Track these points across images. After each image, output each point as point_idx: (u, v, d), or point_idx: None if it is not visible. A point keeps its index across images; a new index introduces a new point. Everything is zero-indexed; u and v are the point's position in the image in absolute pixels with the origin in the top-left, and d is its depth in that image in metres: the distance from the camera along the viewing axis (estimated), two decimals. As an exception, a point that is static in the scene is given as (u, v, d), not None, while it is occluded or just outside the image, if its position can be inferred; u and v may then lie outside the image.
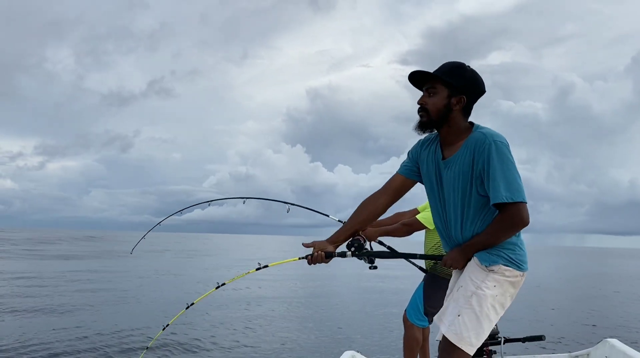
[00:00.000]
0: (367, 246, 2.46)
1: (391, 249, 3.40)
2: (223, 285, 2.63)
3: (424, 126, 2.21)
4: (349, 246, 2.36)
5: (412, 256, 2.48)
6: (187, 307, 2.85)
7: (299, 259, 2.37)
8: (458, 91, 2.13)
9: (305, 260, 2.31)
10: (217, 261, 28.94)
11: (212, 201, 2.86)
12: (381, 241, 3.42)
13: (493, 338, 2.60)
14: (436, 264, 3.57)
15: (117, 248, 41.89)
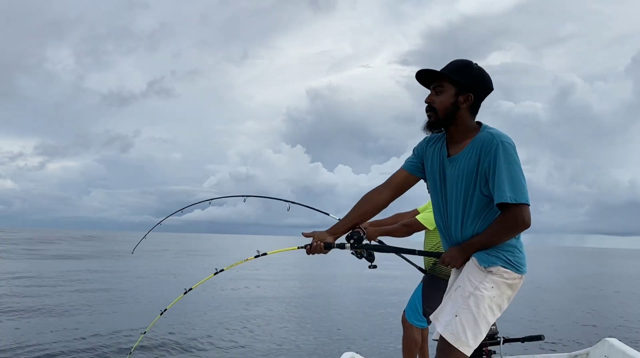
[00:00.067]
0: (366, 240, 2.46)
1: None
2: (221, 271, 2.62)
3: (432, 126, 2.21)
4: (348, 239, 2.36)
5: (411, 252, 2.48)
6: (185, 292, 2.80)
7: (298, 248, 2.38)
8: (465, 89, 2.13)
9: (304, 249, 2.31)
10: (217, 261, 28.93)
11: (213, 199, 2.85)
12: (381, 241, 3.42)
13: (492, 338, 2.59)
14: (435, 265, 3.57)
15: (117, 248, 41.87)
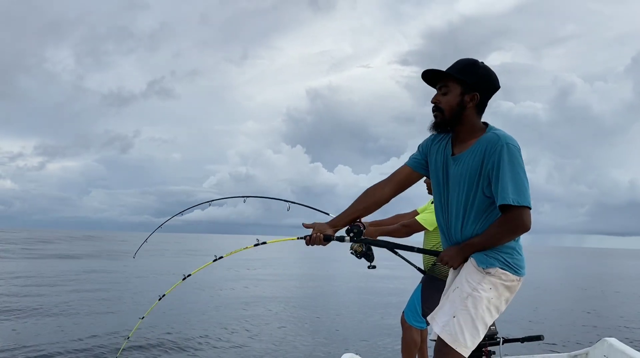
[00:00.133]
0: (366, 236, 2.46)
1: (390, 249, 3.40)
2: (221, 258, 2.62)
3: (439, 126, 2.21)
4: (348, 232, 2.37)
5: (410, 249, 2.50)
6: (184, 278, 2.79)
7: (297, 238, 2.38)
8: (471, 89, 2.12)
9: (303, 240, 2.32)
10: (218, 260, 28.80)
11: (213, 201, 2.85)
12: (380, 241, 3.42)
13: (492, 338, 2.59)
14: (435, 265, 3.57)
15: (116, 248, 41.85)
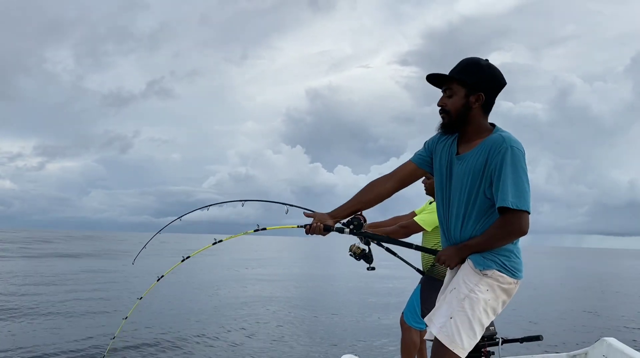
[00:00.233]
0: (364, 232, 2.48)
1: (389, 250, 3.41)
2: (220, 241, 2.63)
3: (446, 127, 2.23)
4: (348, 224, 2.39)
5: (409, 246, 2.52)
6: (183, 260, 2.77)
7: (297, 227, 2.40)
8: (475, 89, 2.13)
9: (303, 228, 2.34)
10: (217, 260, 28.92)
11: (212, 205, 2.87)
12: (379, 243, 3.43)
13: (491, 339, 2.61)
14: (433, 266, 3.58)
15: (114, 248, 41.82)
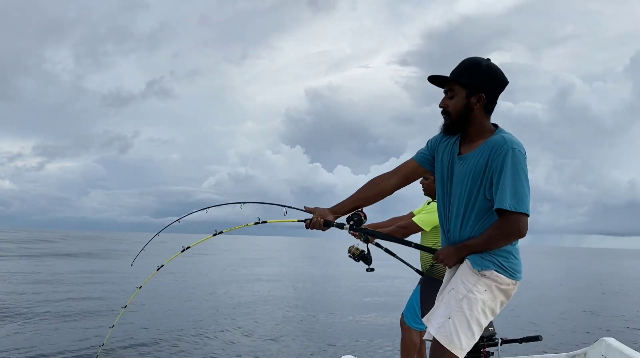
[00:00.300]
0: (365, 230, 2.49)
1: (388, 250, 3.42)
2: (221, 233, 2.63)
3: (448, 129, 2.23)
4: (349, 220, 2.40)
5: (408, 244, 2.54)
6: (183, 250, 2.75)
7: (298, 221, 2.42)
8: (476, 90, 2.13)
9: (303, 223, 2.36)
10: (217, 259, 28.93)
11: (210, 207, 2.88)
12: (378, 244, 3.45)
13: (490, 339, 2.61)
14: (433, 267, 3.59)
15: (113, 247, 41.78)
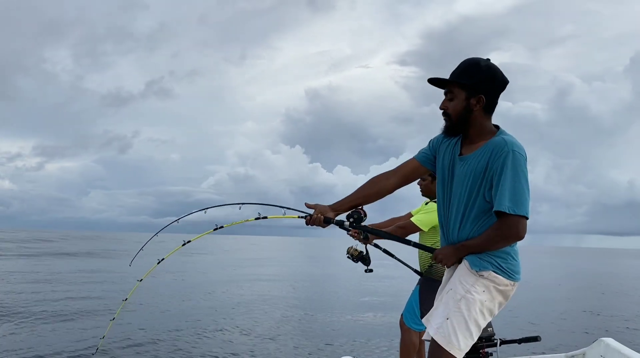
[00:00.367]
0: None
1: (387, 251, 3.42)
2: (221, 227, 2.64)
3: (449, 131, 2.24)
4: (349, 217, 2.42)
5: (407, 242, 2.56)
6: (184, 244, 2.76)
7: (298, 217, 2.44)
8: (475, 91, 2.13)
9: (304, 219, 2.38)
10: (217, 259, 28.97)
11: (208, 208, 2.90)
12: (377, 244, 3.45)
13: (489, 340, 2.61)
14: (431, 267, 3.60)
15: (111, 247, 41.79)
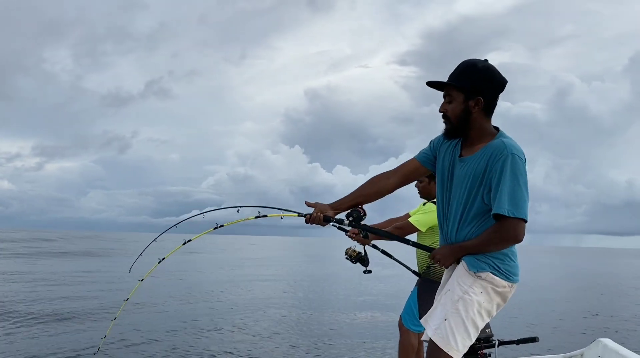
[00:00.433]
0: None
1: (385, 252, 3.42)
2: (221, 226, 2.65)
3: (449, 133, 2.24)
4: (348, 216, 2.42)
5: (406, 241, 2.57)
6: (185, 243, 2.76)
7: (298, 215, 2.44)
8: (473, 93, 2.12)
9: (303, 217, 2.38)
10: (217, 258, 28.97)
11: (206, 212, 2.90)
12: (375, 245, 3.46)
13: (487, 341, 2.62)
14: (430, 268, 3.59)
15: (110, 247, 41.77)
